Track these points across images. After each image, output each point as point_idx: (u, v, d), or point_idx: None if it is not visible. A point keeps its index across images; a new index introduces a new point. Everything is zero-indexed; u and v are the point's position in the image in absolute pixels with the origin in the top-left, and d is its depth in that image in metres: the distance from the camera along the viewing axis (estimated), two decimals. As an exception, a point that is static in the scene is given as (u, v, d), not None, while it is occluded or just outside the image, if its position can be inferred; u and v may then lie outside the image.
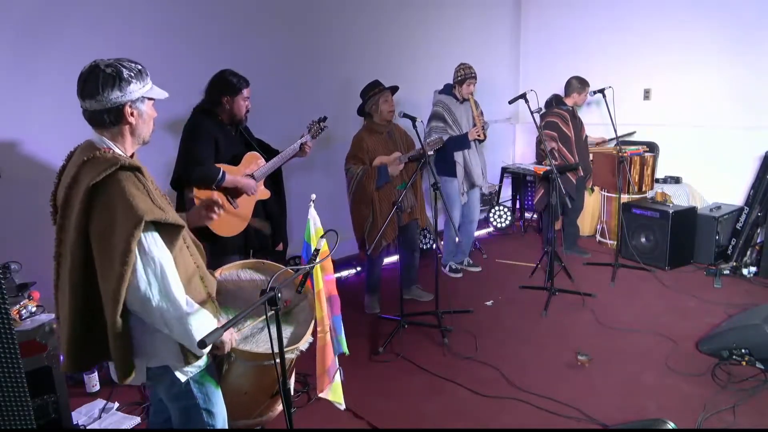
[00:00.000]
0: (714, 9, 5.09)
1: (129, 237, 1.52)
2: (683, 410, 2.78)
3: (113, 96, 1.63)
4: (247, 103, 3.14)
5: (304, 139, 3.26)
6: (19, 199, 3.28)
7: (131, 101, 1.66)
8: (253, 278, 2.26)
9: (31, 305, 2.61)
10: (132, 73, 1.66)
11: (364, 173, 3.82)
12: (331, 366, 2.38)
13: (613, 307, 4.08)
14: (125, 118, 1.67)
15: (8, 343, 1.92)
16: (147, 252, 1.58)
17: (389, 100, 3.87)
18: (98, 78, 1.62)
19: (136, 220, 1.52)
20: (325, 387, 2.37)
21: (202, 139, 3.02)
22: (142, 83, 1.69)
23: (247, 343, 2.02)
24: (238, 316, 1.62)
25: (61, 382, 2.61)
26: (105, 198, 1.57)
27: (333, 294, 2.43)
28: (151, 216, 1.55)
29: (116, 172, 1.57)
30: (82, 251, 1.60)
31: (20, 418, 1.95)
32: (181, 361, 1.73)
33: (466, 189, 4.62)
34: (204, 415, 1.84)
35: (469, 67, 4.46)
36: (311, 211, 2.34)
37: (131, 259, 1.53)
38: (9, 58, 3.19)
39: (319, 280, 2.30)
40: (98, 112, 1.64)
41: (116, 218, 1.54)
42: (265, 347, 1.98)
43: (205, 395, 1.84)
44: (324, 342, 2.33)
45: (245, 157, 3.17)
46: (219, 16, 4.09)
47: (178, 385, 1.78)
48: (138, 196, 1.57)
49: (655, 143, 5.61)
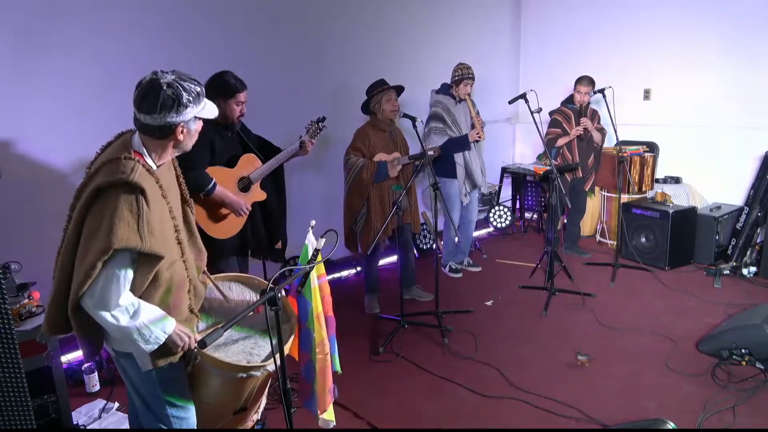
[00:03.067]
0: (714, 9, 5.09)
1: (97, 256, 1.58)
2: (683, 410, 2.78)
3: (169, 118, 1.68)
4: (242, 108, 3.06)
5: (304, 139, 3.23)
6: (19, 199, 3.29)
7: (184, 122, 1.71)
8: (242, 293, 2.25)
9: (31, 305, 2.60)
10: (191, 97, 1.70)
11: (364, 165, 3.82)
12: (330, 386, 2.39)
13: (613, 307, 4.08)
14: (176, 136, 1.73)
15: (8, 343, 1.92)
16: (107, 274, 1.62)
17: (392, 99, 3.87)
18: (158, 98, 1.65)
19: (107, 245, 1.57)
20: (327, 407, 2.38)
21: (197, 146, 2.96)
22: (199, 105, 1.74)
23: (217, 350, 1.96)
24: (237, 316, 1.62)
25: (61, 382, 2.61)
26: (102, 205, 1.62)
27: (329, 315, 2.42)
28: (122, 244, 1.58)
29: (119, 186, 1.61)
30: (75, 238, 1.67)
31: (20, 418, 1.95)
32: (145, 354, 1.77)
33: (468, 190, 4.62)
34: (167, 407, 1.86)
35: (467, 68, 4.45)
36: (309, 236, 2.28)
37: (93, 274, 1.59)
38: (8, 58, 3.19)
39: (318, 302, 2.28)
40: (148, 126, 1.70)
41: (98, 232, 1.60)
42: (234, 359, 1.92)
43: (167, 387, 1.86)
44: (324, 364, 2.33)
45: (242, 159, 3.10)
46: (219, 16, 4.08)
47: (141, 372, 1.82)
48: (124, 221, 1.60)
49: (655, 143, 5.61)
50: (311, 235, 2.27)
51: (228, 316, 1.98)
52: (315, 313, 2.27)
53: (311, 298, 2.25)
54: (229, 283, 2.26)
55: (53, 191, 3.33)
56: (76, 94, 3.46)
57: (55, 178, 3.42)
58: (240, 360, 1.92)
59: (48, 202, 3.27)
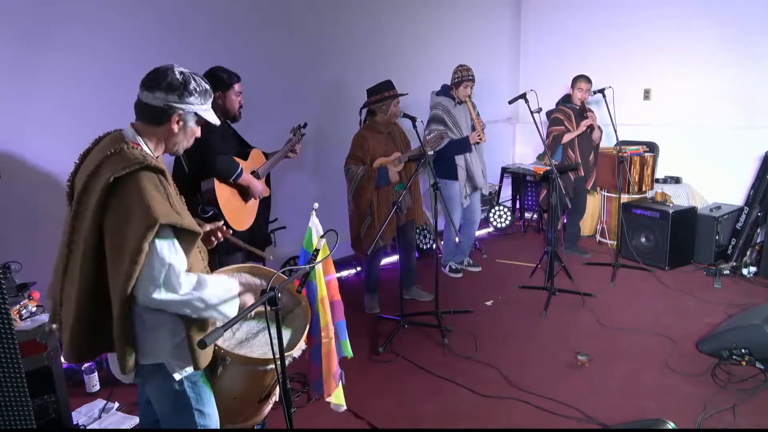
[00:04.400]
0: (714, 9, 5.09)
1: (141, 237, 1.51)
2: (683, 410, 2.78)
3: (170, 98, 1.66)
4: (240, 99, 3.13)
5: (292, 142, 3.33)
6: (19, 199, 3.28)
7: (183, 111, 1.68)
8: (249, 282, 2.25)
9: (31, 305, 2.61)
10: (198, 88, 1.69)
11: (365, 174, 3.82)
12: (336, 371, 2.39)
13: (613, 307, 4.08)
14: (170, 123, 1.69)
15: (8, 343, 1.92)
16: (158, 254, 1.57)
17: (399, 103, 3.90)
18: (166, 77, 1.65)
19: (151, 222, 1.52)
20: (332, 391, 2.37)
21: (214, 132, 2.93)
22: (202, 102, 1.72)
23: (242, 347, 1.99)
24: (239, 315, 1.62)
25: (61, 382, 2.61)
26: (124, 194, 1.56)
27: (336, 299, 2.42)
28: (166, 219, 1.55)
29: (140, 170, 1.57)
30: (96, 242, 1.60)
31: (20, 418, 1.95)
32: (177, 359, 1.73)
33: (469, 192, 4.62)
34: (196, 415, 1.83)
35: (467, 70, 4.45)
36: (313, 219, 2.29)
37: (141, 259, 1.53)
38: (9, 58, 3.19)
39: (322, 286, 2.28)
40: (148, 106, 1.66)
41: (132, 217, 1.54)
42: (260, 352, 1.95)
43: (197, 395, 1.82)
44: (329, 348, 2.33)
45: (252, 154, 3.18)
46: (219, 17, 4.09)
47: (170, 383, 1.76)
48: (157, 198, 1.56)
49: (655, 143, 5.61)
50: (314, 218, 2.29)
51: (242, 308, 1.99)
52: (319, 297, 2.27)
53: (316, 281, 2.26)
54: (234, 275, 2.27)
55: (53, 192, 3.32)
56: (77, 94, 3.46)
57: (56, 179, 3.41)
58: (266, 353, 1.93)
59: (48, 202, 3.26)
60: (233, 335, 2.02)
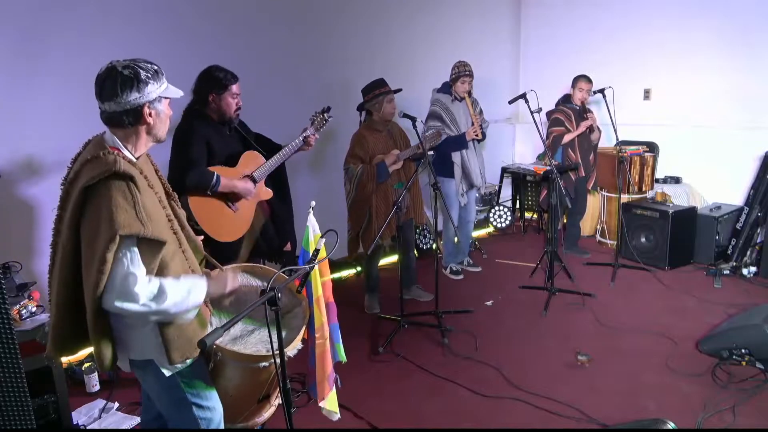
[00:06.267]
0: (714, 9, 5.09)
1: (105, 248, 1.55)
2: (683, 410, 2.78)
3: (132, 98, 1.66)
4: (237, 101, 2.95)
5: (308, 133, 3.14)
6: (19, 199, 3.28)
7: (149, 102, 1.69)
8: (249, 282, 2.25)
9: (31, 305, 2.61)
10: (149, 74, 1.69)
11: (364, 172, 3.82)
12: (330, 374, 2.38)
13: (613, 307, 4.08)
14: (144, 118, 1.70)
15: (8, 343, 1.92)
16: (119, 264, 1.59)
17: (393, 100, 3.88)
18: (116, 80, 1.65)
19: (112, 233, 1.55)
20: (326, 395, 2.37)
21: (192, 142, 2.83)
22: (159, 83, 1.72)
23: (235, 343, 1.99)
24: (239, 314, 1.62)
25: (61, 382, 2.61)
26: (95, 203, 1.60)
27: (330, 301, 2.42)
28: (127, 231, 1.56)
29: (108, 178, 1.59)
30: (73, 247, 1.64)
31: (20, 418, 1.95)
32: (164, 355, 1.74)
33: (465, 190, 4.61)
34: (195, 409, 1.84)
35: (465, 65, 4.44)
36: (310, 218, 2.29)
37: (106, 269, 1.56)
38: (9, 58, 3.19)
39: (318, 286, 2.28)
40: (117, 113, 1.68)
41: (100, 226, 1.57)
42: (253, 349, 1.95)
43: (193, 389, 1.84)
44: (323, 348, 2.32)
45: (243, 157, 3.00)
46: (219, 17, 4.08)
47: (163, 378, 1.78)
48: (121, 207, 1.58)
49: (655, 143, 5.61)
50: (312, 217, 2.29)
51: (239, 308, 1.99)
52: (315, 297, 2.28)
53: (312, 281, 2.26)
54: (239, 274, 2.27)
55: (53, 192, 3.31)
56: (77, 95, 3.43)
57: (55, 179, 3.40)
58: (260, 350, 1.94)
59: (48, 202, 3.26)
60: (228, 331, 2.02)
